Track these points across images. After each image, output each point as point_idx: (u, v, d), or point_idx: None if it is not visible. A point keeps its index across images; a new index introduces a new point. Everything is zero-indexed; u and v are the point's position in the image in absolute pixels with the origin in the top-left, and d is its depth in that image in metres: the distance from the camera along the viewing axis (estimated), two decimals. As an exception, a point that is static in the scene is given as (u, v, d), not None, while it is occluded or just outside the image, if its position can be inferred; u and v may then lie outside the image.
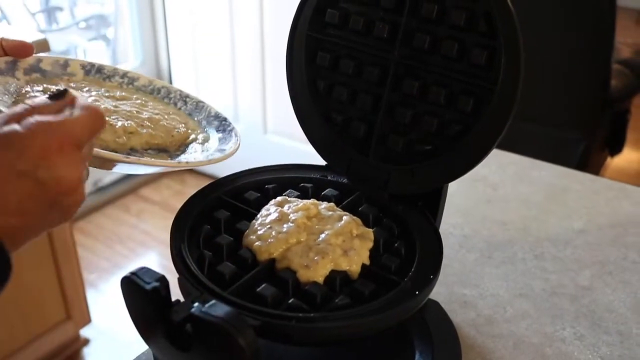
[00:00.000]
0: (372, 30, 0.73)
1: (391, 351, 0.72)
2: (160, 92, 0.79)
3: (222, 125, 0.76)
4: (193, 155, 0.70)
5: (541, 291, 0.87)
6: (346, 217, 0.68)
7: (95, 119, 0.48)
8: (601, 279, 0.90)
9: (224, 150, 0.71)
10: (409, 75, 0.71)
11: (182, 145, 0.72)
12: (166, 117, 0.74)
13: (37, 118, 0.45)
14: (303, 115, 0.79)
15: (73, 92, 0.49)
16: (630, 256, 0.95)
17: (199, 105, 0.78)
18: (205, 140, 0.74)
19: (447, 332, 0.74)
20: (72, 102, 0.48)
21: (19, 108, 0.46)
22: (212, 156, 0.69)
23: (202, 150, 0.71)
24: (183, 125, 0.74)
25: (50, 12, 3.17)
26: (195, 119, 0.77)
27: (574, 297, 0.87)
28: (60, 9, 3.19)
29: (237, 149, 0.71)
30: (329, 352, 0.71)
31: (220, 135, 0.75)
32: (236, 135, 0.74)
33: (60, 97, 0.48)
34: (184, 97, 0.79)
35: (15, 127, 0.44)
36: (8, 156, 0.43)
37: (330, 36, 0.76)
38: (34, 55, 0.69)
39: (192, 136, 0.74)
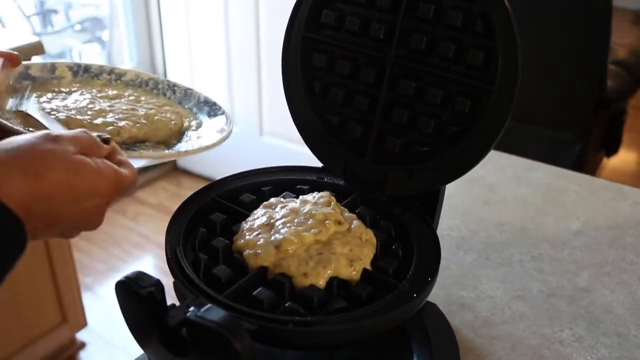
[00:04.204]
0: (368, 31, 0.72)
1: (389, 354, 0.71)
2: (149, 84, 0.81)
3: (213, 109, 0.77)
4: (190, 143, 0.70)
5: (539, 293, 0.87)
6: (356, 222, 0.66)
7: (135, 177, 0.59)
8: (599, 280, 0.90)
9: (219, 134, 0.71)
10: (405, 76, 0.70)
11: (179, 135, 0.73)
12: (161, 109, 0.75)
13: (106, 162, 0.55)
14: (299, 117, 0.78)
15: (113, 143, 0.59)
16: (629, 257, 0.94)
17: (187, 93, 0.80)
18: (199, 126, 0.74)
19: (445, 334, 0.73)
20: (114, 151, 0.58)
21: (80, 134, 0.54)
22: (209, 141, 0.70)
23: (197, 137, 0.72)
24: (176, 115, 0.75)
25: (45, 15, 3.17)
26: (186, 106, 0.78)
27: (572, 298, 0.86)
28: (56, 11, 3.19)
29: (231, 131, 0.72)
30: (326, 356, 0.71)
31: (212, 119, 0.75)
32: (228, 118, 0.75)
33: (107, 143, 0.58)
34: (172, 87, 0.80)
35: (89, 161, 0.53)
36: (76, 181, 0.52)
37: (326, 37, 0.75)
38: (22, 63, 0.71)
39: (186, 124, 0.74)
